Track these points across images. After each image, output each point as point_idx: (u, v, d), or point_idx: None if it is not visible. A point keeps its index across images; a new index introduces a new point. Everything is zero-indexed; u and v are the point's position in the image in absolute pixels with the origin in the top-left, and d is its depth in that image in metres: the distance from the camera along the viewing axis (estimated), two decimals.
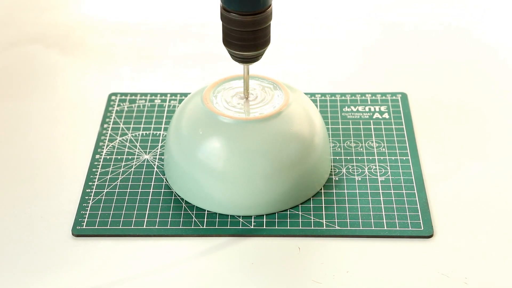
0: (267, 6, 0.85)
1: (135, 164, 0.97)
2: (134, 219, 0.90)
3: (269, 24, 0.87)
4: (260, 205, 0.90)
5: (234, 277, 0.85)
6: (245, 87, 0.92)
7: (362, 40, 1.22)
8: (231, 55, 0.89)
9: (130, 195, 0.93)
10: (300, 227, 0.89)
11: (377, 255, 0.86)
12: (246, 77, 0.92)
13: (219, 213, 0.90)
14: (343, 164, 0.97)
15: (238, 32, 0.86)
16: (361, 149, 0.99)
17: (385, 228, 0.88)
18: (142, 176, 0.95)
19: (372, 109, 1.05)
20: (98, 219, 0.90)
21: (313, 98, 1.07)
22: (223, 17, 0.86)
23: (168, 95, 1.08)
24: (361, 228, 0.88)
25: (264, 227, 0.89)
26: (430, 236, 0.88)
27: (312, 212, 0.90)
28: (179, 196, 0.93)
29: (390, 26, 1.25)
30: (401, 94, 1.08)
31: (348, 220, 0.89)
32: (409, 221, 0.89)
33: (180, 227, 0.89)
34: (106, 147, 1.00)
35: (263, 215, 0.90)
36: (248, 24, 0.85)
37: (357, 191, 0.93)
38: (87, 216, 0.91)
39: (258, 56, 0.88)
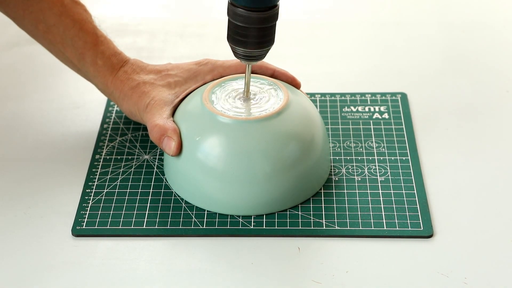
0: (275, 4, 0.85)
1: (135, 164, 0.97)
2: (134, 219, 0.90)
3: (275, 24, 0.87)
4: (260, 205, 0.90)
5: (234, 277, 0.85)
6: (246, 87, 0.92)
7: (362, 40, 1.23)
8: (234, 52, 0.89)
9: (130, 195, 0.93)
10: (300, 227, 0.89)
11: (377, 255, 0.86)
12: (247, 77, 0.92)
13: (218, 213, 0.91)
14: (343, 164, 0.97)
15: (244, 28, 0.86)
16: (361, 149, 0.99)
17: (385, 228, 0.88)
18: (142, 176, 0.96)
19: (372, 109, 1.05)
20: (98, 219, 0.90)
21: (313, 98, 1.07)
22: (230, 12, 0.86)
23: None
24: (360, 228, 0.88)
25: (264, 227, 0.89)
26: (429, 236, 0.88)
27: (311, 212, 0.90)
28: (179, 196, 0.93)
29: (390, 26, 1.25)
30: (401, 94, 1.08)
31: (347, 220, 0.89)
32: (408, 221, 0.89)
33: (180, 227, 0.89)
34: (106, 147, 1.00)
35: (263, 215, 0.90)
36: (255, 21, 0.85)
37: (357, 191, 0.93)
38: (87, 216, 0.91)
39: (261, 55, 0.88)
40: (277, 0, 0.85)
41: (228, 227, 0.89)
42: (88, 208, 0.92)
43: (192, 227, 0.89)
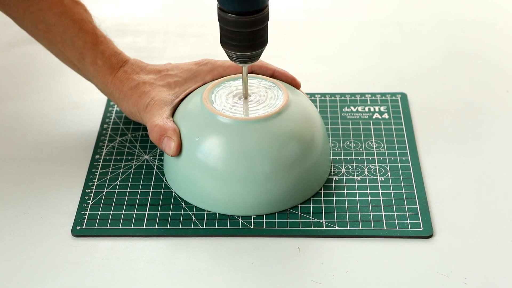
0: (264, 6, 0.85)
1: (135, 164, 0.97)
2: (133, 219, 0.90)
3: (266, 24, 0.87)
4: (260, 205, 0.90)
5: (234, 277, 0.85)
6: (245, 87, 0.92)
7: (362, 40, 1.23)
8: (229, 56, 0.89)
9: (130, 195, 0.93)
10: (300, 227, 0.89)
11: (377, 255, 0.86)
12: (245, 77, 0.92)
13: (218, 213, 0.91)
14: (343, 164, 0.97)
15: (235, 32, 0.86)
16: (361, 149, 0.99)
17: (385, 228, 0.88)
18: (142, 176, 0.96)
19: (372, 109, 1.05)
20: (98, 219, 0.90)
21: (313, 98, 1.07)
22: (220, 18, 0.86)
23: None
24: (360, 228, 0.88)
25: (264, 227, 0.89)
26: (429, 236, 0.88)
27: (311, 212, 0.90)
28: (178, 196, 0.93)
29: (390, 26, 1.25)
30: (401, 94, 1.08)
31: (347, 220, 0.89)
32: (408, 221, 0.89)
33: (180, 227, 0.89)
34: (106, 147, 1.00)
35: (263, 215, 0.90)
36: (245, 25, 0.85)
37: (357, 191, 0.93)
38: (87, 216, 0.91)
39: (256, 56, 0.89)
40: (266, 2, 0.85)
41: (228, 227, 0.89)
42: (88, 208, 0.92)
43: (192, 227, 0.89)
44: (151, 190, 0.94)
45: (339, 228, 0.89)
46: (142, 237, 0.89)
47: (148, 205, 0.92)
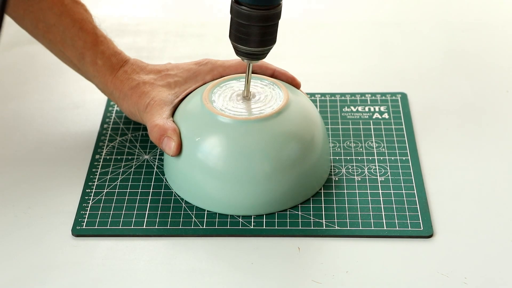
0: (278, 2, 0.86)
1: (135, 164, 0.97)
2: (134, 219, 0.90)
3: (277, 23, 0.87)
4: (260, 205, 0.90)
5: (234, 277, 0.85)
6: (246, 87, 0.92)
7: (362, 40, 1.23)
8: (236, 50, 0.89)
9: (130, 195, 0.93)
10: (300, 227, 0.89)
11: (377, 255, 0.86)
12: (248, 76, 0.92)
13: (218, 213, 0.91)
14: (343, 164, 0.97)
15: (247, 26, 0.86)
16: (361, 149, 0.99)
17: (385, 228, 0.88)
18: (142, 176, 0.96)
19: (372, 109, 1.05)
20: (98, 219, 0.90)
21: (313, 98, 1.07)
22: (233, 10, 0.86)
23: None
24: (360, 228, 0.88)
25: (264, 227, 0.89)
26: (429, 236, 0.88)
27: (311, 212, 0.90)
28: (179, 196, 0.93)
29: (390, 26, 1.25)
30: (401, 94, 1.08)
31: (347, 220, 0.89)
32: (408, 221, 0.89)
33: (180, 227, 0.89)
34: (106, 147, 1.00)
35: (263, 215, 0.90)
36: (257, 18, 0.85)
37: (357, 191, 0.93)
38: (87, 216, 0.91)
39: (263, 54, 0.89)
40: (280, 0, 0.86)
41: (228, 227, 0.89)
42: (88, 208, 0.92)
43: (192, 227, 0.89)
44: (151, 190, 0.94)
45: (339, 228, 0.89)
46: (142, 237, 0.89)
47: (148, 205, 0.92)
